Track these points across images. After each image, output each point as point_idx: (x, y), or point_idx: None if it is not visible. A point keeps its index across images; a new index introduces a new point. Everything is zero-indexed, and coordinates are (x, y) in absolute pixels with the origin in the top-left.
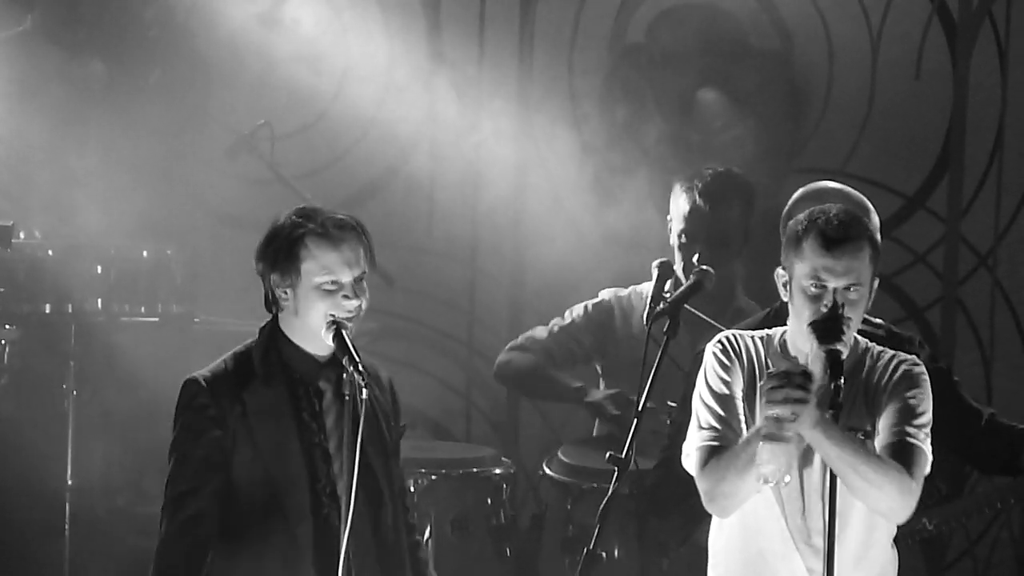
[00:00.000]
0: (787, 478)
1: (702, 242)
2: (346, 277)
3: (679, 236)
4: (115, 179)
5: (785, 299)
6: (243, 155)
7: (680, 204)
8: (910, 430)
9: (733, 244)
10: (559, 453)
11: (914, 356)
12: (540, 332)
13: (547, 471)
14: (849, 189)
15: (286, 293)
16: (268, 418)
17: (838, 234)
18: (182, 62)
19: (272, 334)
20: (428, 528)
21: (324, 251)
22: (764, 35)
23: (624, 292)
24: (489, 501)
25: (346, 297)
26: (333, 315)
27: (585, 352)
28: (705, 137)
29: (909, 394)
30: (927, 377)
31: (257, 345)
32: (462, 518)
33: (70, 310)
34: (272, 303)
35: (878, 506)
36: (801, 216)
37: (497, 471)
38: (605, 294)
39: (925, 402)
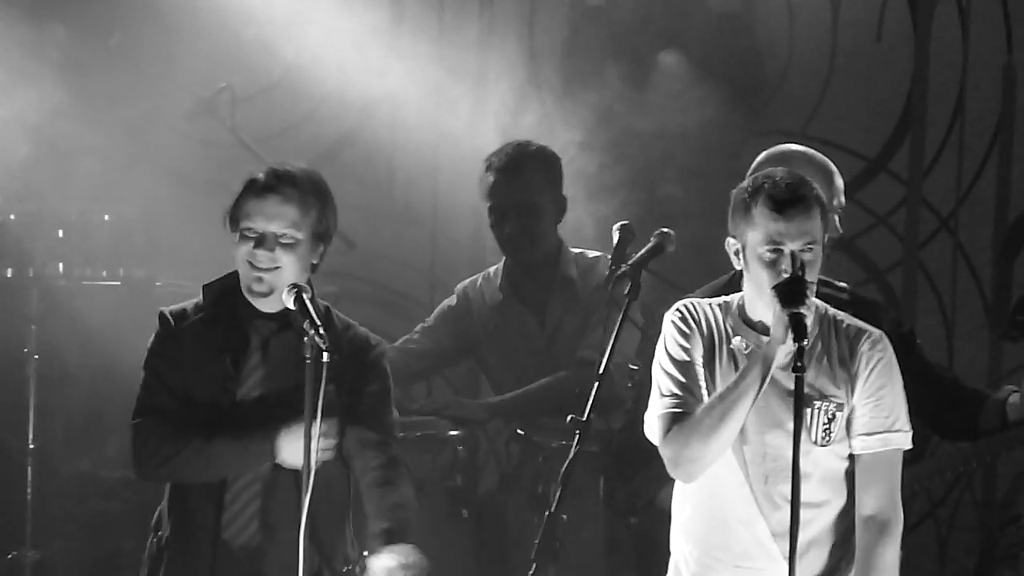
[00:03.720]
0: None
1: (511, 214)
2: (262, 227)
3: (489, 214)
4: (76, 143)
5: (738, 267)
6: (203, 118)
7: (485, 183)
8: (897, 436)
9: (544, 212)
10: None
11: (878, 331)
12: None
13: (517, 429)
14: (812, 151)
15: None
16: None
17: (788, 196)
18: (143, 25)
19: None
20: None
21: (250, 198)
22: None
23: (477, 281)
24: (447, 463)
25: (257, 247)
26: (249, 262)
27: (448, 354)
28: (666, 99)
29: (884, 391)
30: (891, 351)
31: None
32: (419, 480)
33: (31, 274)
34: None
35: None
36: (744, 184)
37: (454, 433)
38: (459, 288)
39: (899, 389)
